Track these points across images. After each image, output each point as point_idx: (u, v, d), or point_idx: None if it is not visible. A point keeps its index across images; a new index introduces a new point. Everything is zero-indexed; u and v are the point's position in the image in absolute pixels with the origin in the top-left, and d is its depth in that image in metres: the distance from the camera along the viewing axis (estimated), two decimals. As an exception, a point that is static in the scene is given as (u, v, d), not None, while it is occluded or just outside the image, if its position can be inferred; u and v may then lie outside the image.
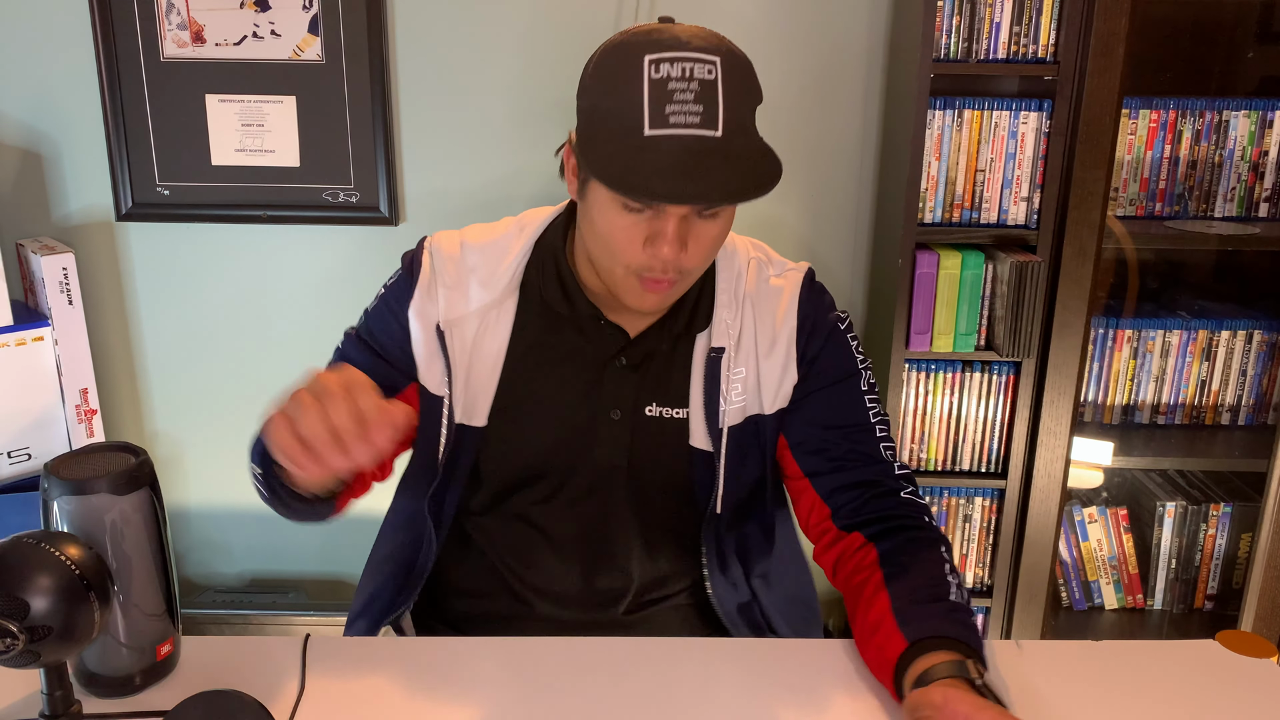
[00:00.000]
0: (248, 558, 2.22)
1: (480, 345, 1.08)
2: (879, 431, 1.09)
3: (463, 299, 1.09)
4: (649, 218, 0.94)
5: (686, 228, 0.94)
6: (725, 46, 0.93)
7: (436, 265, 1.10)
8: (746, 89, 0.94)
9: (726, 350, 1.08)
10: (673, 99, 0.89)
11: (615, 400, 1.09)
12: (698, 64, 0.90)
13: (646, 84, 0.89)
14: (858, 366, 1.11)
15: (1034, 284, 1.67)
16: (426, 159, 1.96)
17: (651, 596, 1.15)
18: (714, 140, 0.90)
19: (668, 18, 0.98)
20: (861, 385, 1.11)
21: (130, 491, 0.88)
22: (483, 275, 1.09)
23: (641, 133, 0.89)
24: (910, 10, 1.69)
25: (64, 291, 1.79)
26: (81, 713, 0.86)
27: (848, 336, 1.12)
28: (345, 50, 1.87)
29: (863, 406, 1.10)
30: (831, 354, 1.10)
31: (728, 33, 0.99)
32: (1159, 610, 2.03)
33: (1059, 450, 1.78)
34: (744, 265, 1.11)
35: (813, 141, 1.93)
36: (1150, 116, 1.82)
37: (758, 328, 1.09)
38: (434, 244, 1.13)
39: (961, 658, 0.86)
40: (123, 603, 0.89)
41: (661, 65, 0.90)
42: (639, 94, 0.89)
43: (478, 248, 1.11)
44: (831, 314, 1.12)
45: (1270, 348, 1.91)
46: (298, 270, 2.02)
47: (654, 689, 0.94)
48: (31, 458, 1.80)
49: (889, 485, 1.06)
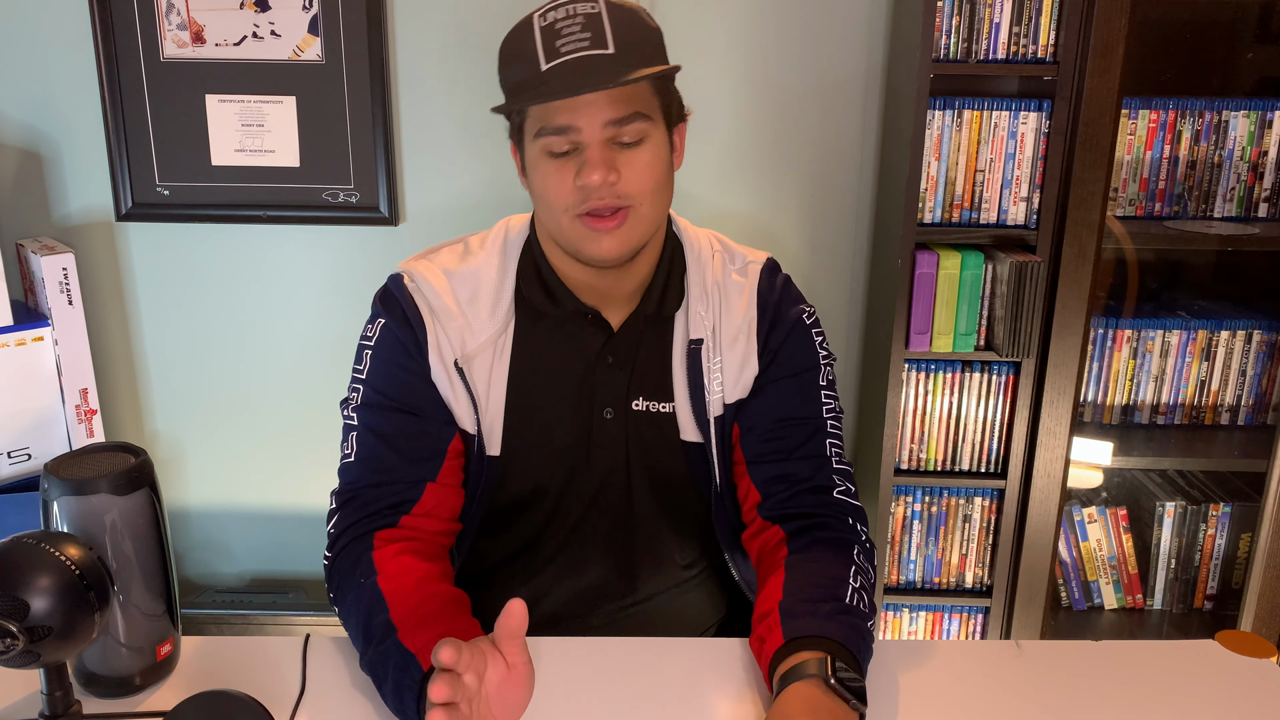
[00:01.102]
0: (248, 558, 2.22)
1: (495, 373, 1.08)
2: (829, 426, 1.10)
3: (470, 331, 1.07)
4: (573, 158, 0.98)
5: (610, 155, 0.97)
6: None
7: (433, 303, 1.07)
8: (635, 20, 0.98)
9: (705, 341, 1.09)
10: (560, 35, 0.95)
11: (607, 399, 1.09)
12: (579, 3, 0.96)
13: (538, 33, 0.96)
14: (818, 361, 1.12)
15: (1034, 284, 1.67)
16: (426, 159, 1.96)
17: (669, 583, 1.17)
18: (607, 56, 0.94)
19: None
20: (820, 380, 1.11)
21: (130, 491, 0.88)
22: (485, 304, 1.08)
23: (540, 70, 0.95)
24: (910, 10, 1.69)
25: (64, 291, 1.79)
26: (81, 713, 0.86)
27: (810, 330, 1.13)
28: (345, 50, 1.87)
29: (817, 401, 1.11)
30: (792, 346, 1.11)
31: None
32: (1159, 610, 2.03)
33: (1059, 450, 1.78)
34: (709, 258, 1.12)
35: (813, 141, 1.93)
36: (1150, 116, 1.82)
37: (723, 320, 1.10)
38: (416, 279, 1.09)
39: (825, 655, 0.86)
40: (123, 603, 0.89)
41: (548, 14, 0.97)
42: (533, 45, 0.95)
43: (466, 275, 1.09)
44: (795, 307, 1.13)
45: (1270, 348, 1.91)
46: (298, 270, 2.02)
47: (654, 689, 0.94)
48: (31, 458, 1.80)
49: (821, 482, 1.07)
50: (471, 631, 0.91)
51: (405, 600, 0.92)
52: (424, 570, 0.97)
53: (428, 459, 1.05)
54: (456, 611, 0.94)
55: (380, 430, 1.05)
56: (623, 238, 1.00)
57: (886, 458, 1.82)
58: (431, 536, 1.05)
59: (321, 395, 2.06)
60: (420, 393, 1.06)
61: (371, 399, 1.07)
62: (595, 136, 0.97)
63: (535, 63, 0.95)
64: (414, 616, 0.90)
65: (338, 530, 1.03)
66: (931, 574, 1.91)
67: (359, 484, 1.04)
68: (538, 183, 1.02)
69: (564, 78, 0.94)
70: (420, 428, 1.06)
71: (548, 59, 0.95)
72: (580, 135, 0.97)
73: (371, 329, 1.09)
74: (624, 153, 0.98)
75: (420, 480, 1.04)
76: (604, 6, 0.96)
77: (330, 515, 1.05)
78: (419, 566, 0.98)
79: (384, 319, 1.08)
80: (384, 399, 1.06)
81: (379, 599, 0.93)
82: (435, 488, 1.05)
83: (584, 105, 0.95)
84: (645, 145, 0.99)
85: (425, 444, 1.05)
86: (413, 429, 1.05)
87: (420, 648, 0.87)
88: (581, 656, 0.99)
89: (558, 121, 0.97)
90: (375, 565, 0.97)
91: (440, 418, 1.06)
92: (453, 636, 0.86)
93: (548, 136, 0.98)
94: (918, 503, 1.88)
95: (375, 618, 0.92)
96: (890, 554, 1.91)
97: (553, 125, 0.97)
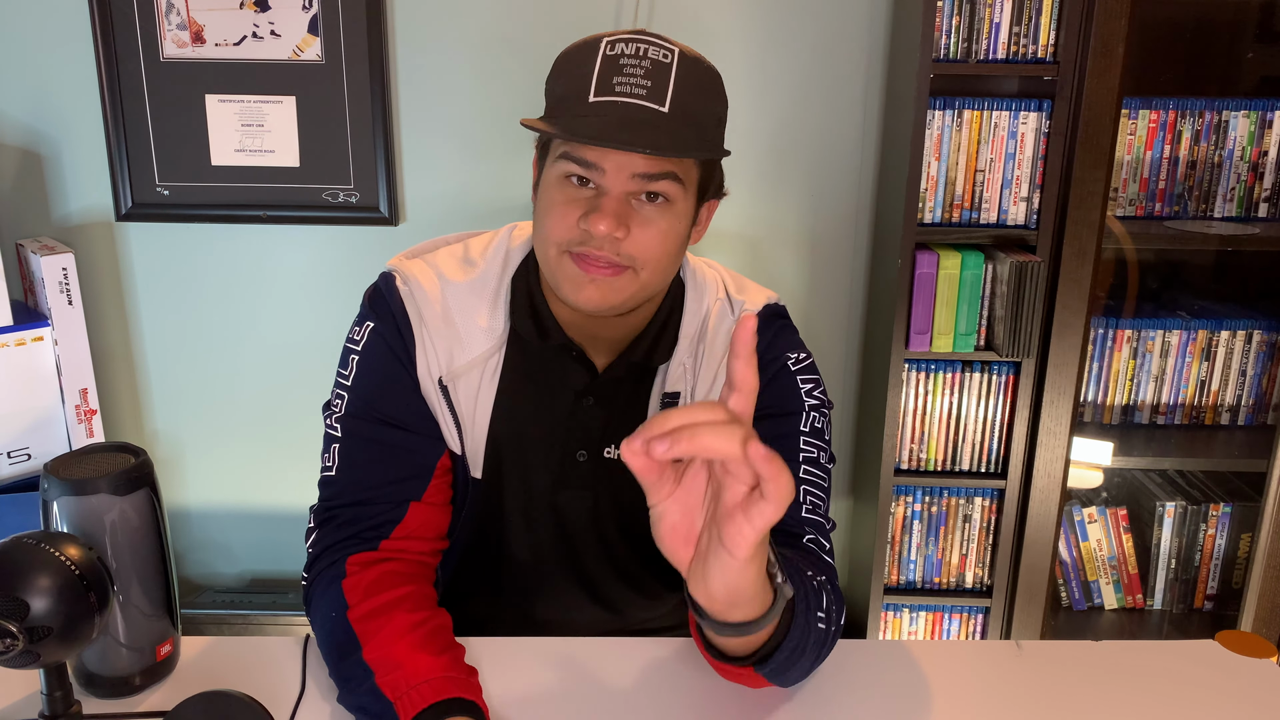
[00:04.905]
0: (248, 558, 2.22)
1: (482, 395, 1.02)
2: (804, 473, 1.01)
3: (459, 347, 1.00)
4: (591, 194, 0.92)
5: (627, 210, 0.91)
6: (692, 51, 0.92)
7: (424, 312, 1.00)
8: (704, 86, 0.92)
9: (682, 395, 1.03)
10: (622, 71, 0.88)
11: (583, 441, 1.05)
12: (654, 47, 0.90)
13: (600, 59, 0.89)
14: (801, 407, 1.03)
15: (1034, 284, 1.67)
16: (426, 159, 1.96)
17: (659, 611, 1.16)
18: (658, 113, 0.88)
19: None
20: (801, 425, 1.03)
21: (130, 491, 0.88)
22: (479, 320, 1.01)
23: (587, 99, 0.89)
24: (910, 10, 1.69)
25: (64, 291, 1.79)
26: (81, 713, 0.86)
27: (797, 377, 1.04)
28: (345, 50, 1.87)
29: (794, 448, 1.02)
30: (773, 390, 1.03)
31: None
32: (1159, 610, 2.03)
33: (1059, 450, 1.78)
34: (709, 307, 1.06)
35: (813, 141, 1.93)
36: (1150, 117, 1.82)
37: (703, 372, 1.04)
38: (409, 282, 1.02)
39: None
40: (122, 603, 0.89)
41: (617, 45, 0.90)
42: (591, 69, 0.89)
43: (463, 287, 1.02)
44: (785, 354, 1.05)
45: (1270, 348, 1.91)
46: (298, 270, 2.02)
47: (654, 689, 0.94)
48: (31, 458, 1.80)
49: (791, 529, 0.99)
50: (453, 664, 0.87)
51: (378, 636, 0.88)
52: (398, 597, 0.92)
53: (413, 477, 0.99)
54: (437, 644, 0.90)
55: (363, 444, 0.99)
56: (608, 291, 0.93)
57: (886, 458, 1.82)
58: (414, 557, 0.99)
59: (321, 395, 2.04)
60: (408, 405, 1.00)
61: (356, 409, 1.00)
62: (619, 187, 0.90)
63: (585, 89, 0.88)
64: (389, 656, 0.86)
65: (315, 551, 0.99)
66: (931, 574, 1.91)
67: (338, 502, 0.99)
68: (543, 205, 0.95)
69: (604, 120, 0.87)
70: (406, 444, 0.99)
71: (598, 92, 0.88)
72: (604, 178, 0.90)
73: (359, 332, 1.02)
74: (642, 210, 0.91)
75: (404, 500, 0.98)
76: (677, 59, 0.89)
77: (308, 533, 1.01)
78: (394, 594, 0.92)
79: (372, 322, 1.01)
80: (369, 410, 1.00)
81: (351, 637, 0.89)
82: (420, 507, 0.99)
83: (620, 153, 0.89)
84: (667, 209, 0.92)
85: (411, 461, 0.99)
86: (398, 445, 0.99)
87: (399, 697, 0.83)
88: (579, 656, 0.99)
89: (586, 156, 0.90)
90: (346, 598, 0.92)
91: (429, 433, 1.00)
92: (432, 674, 0.84)
93: (570, 164, 0.91)
94: (918, 503, 1.88)
95: (348, 657, 0.88)
96: (890, 554, 1.91)
97: (579, 157, 0.90)
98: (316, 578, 0.98)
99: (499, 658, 0.97)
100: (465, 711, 0.83)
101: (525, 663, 0.97)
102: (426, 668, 0.86)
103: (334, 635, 0.91)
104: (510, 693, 0.92)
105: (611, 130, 0.87)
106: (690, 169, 0.93)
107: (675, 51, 0.90)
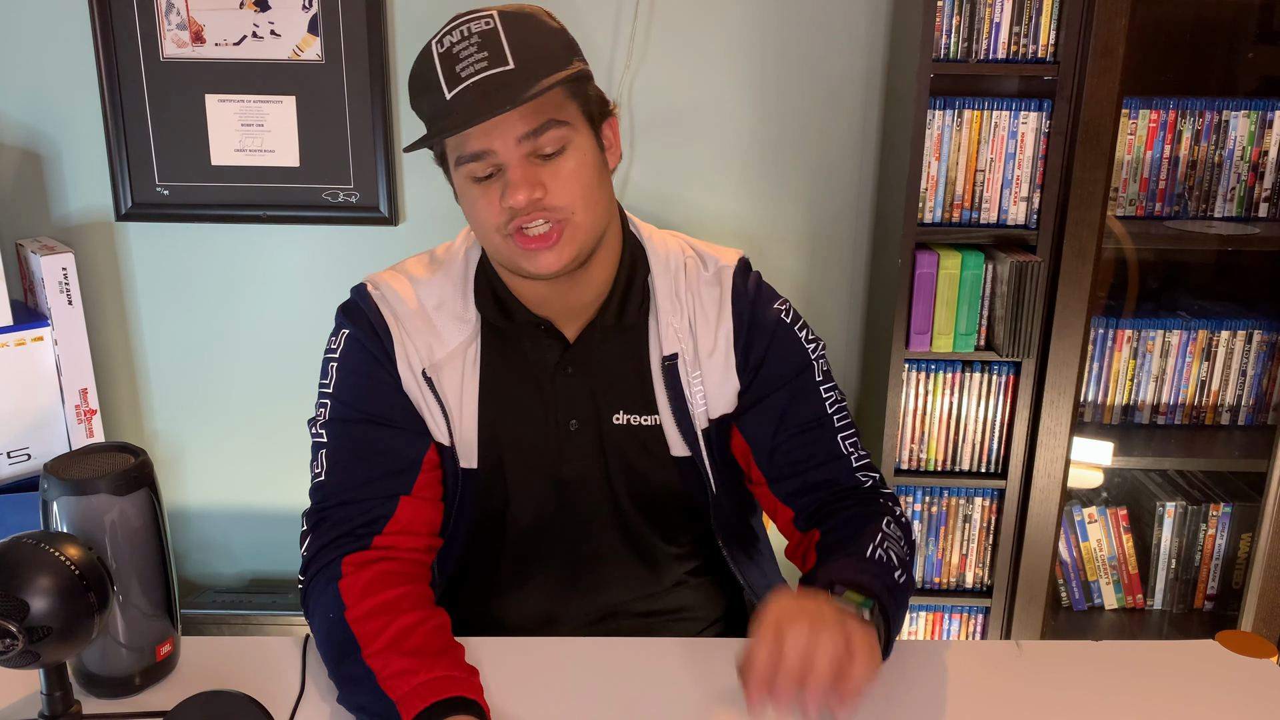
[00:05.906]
0: (248, 558, 2.22)
1: (466, 384, 1.04)
2: (837, 421, 1.07)
3: (438, 339, 1.04)
4: (497, 180, 0.95)
5: (532, 171, 0.94)
6: (511, 5, 0.95)
7: (398, 311, 1.04)
8: (534, 27, 0.95)
9: (680, 355, 1.05)
10: (459, 58, 0.92)
11: (571, 411, 1.06)
12: (474, 22, 0.93)
13: (437, 60, 0.93)
14: (809, 358, 1.08)
15: (1034, 284, 1.67)
16: (426, 159, 1.94)
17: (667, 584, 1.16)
18: (508, 72, 0.91)
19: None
20: (816, 376, 1.08)
21: (130, 492, 0.88)
22: (452, 311, 1.05)
23: (445, 100, 0.92)
24: (910, 10, 1.69)
25: (64, 291, 1.79)
26: (81, 713, 0.86)
27: (793, 329, 1.09)
28: (345, 50, 1.86)
29: (819, 398, 1.07)
30: (778, 353, 1.07)
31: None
32: (1159, 610, 2.03)
33: (1059, 450, 1.78)
34: (679, 264, 1.08)
35: (813, 141, 1.93)
36: (1150, 116, 1.82)
37: (699, 331, 1.07)
38: (380, 287, 1.06)
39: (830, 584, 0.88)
40: (122, 603, 0.89)
41: (444, 40, 0.93)
42: (435, 73, 0.92)
43: (432, 283, 1.06)
44: (770, 309, 1.09)
45: (1270, 348, 1.91)
46: (298, 270, 2.02)
47: (654, 689, 0.94)
48: (31, 458, 1.80)
49: (845, 483, 1.05)
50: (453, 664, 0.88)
51: (377, 636, 0.89)
52: (395, 597, 0.94)
53: (401, 471, 1.01)
54: (437, 643, 0.90)
55: (350, 444, 1.01)
56: (560, 251, 0.96)
57: (887, 458, 1.82)
58: (407, 554, 1.00)
59: (321, 395, 2.06)
60: (391, 402, 1.02)
61: (340, 413, 1.03)
62: (513, 156, 0.93)
63: (440, 92, 0.92)
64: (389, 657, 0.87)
65: (310, 554, 1.00)
66: (932, 574, 1.91)
67: (329, 503, 1.01)
68: (468, 208, 0.99)
69: (467, 104, 0.90)
70: (392, 439, 1.02)
71: (450, 86, 0.91)
72: (498, 157, 0.93)
73: (336, 340, 1.05)
74: (547, 165, 0.94)
75: (393, 494, 1.00)
76: (498, 20, 0.92)
77: (302, 538, 1.02)
78: (391, 594, 0.94)
79: (348, 329, 1.04)
80: (353, 411, 1.02)
81: (350, 638, 0.90)
82: (410, 501, 1.01)
83: (494, 126, 0.91)
84: (568, 152, 0.95)
85: (398, 456, 1.01)
86: (384, 440, 1.01)
87: (400, 697, 0.84)
88: (580, 656, 0.99)
89: (472, 148, 0.94)
90: (343, 599, 0.93)
91: (413, 428, 1.03)
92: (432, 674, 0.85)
93: (467, 164, 0.95)
94: (918, 503, 1.88)
95: (347, 658, 0.89)
96: (890, 554, 1.91)
97: (469, 152, 0.94)
98: (313, 580, 0.99)
99: (499, 658, 0.97)
100: (467, 711, 0.84)
101: (526, 663, 0.97)
102: (427, 667, 0.86)
103: (333, 636, 0.92)
104: (511, 692, 0.92)
105: (474, 109, 0.90)
106: (566, 105, 0.96)
107: (493, 14, 0.93)
